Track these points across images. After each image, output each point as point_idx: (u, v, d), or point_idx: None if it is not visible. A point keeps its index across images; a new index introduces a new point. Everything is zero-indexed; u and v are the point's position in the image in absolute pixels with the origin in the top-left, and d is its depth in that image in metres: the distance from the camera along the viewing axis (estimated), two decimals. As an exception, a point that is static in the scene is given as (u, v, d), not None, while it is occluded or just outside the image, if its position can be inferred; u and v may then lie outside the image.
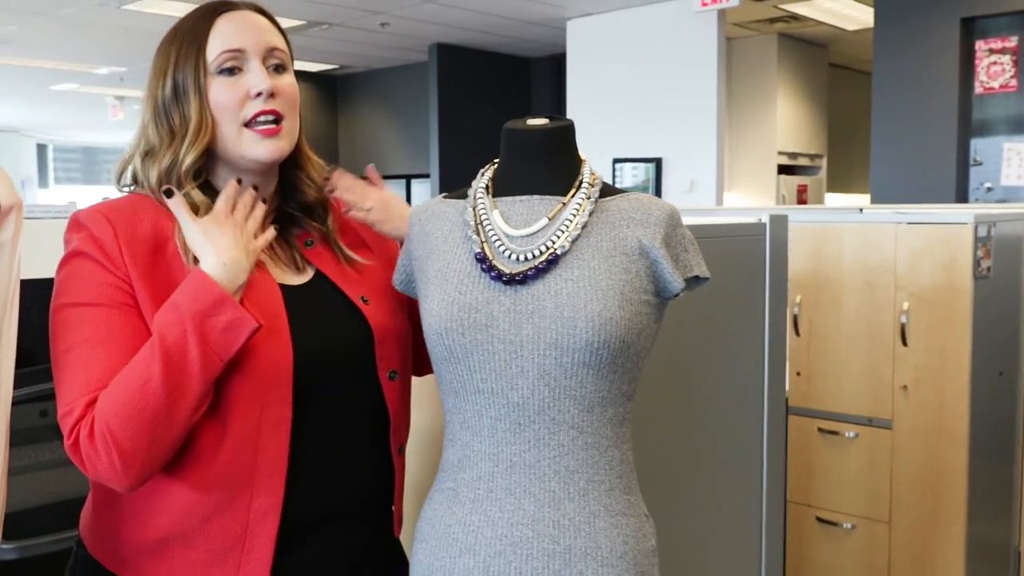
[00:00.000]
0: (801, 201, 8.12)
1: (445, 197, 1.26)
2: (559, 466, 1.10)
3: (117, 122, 11.54)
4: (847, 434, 3.04)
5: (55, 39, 7.99)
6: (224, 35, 1.22)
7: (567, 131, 1.20)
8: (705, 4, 5.87)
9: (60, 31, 7.61)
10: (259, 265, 1.20)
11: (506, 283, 1.11)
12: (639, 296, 1.11)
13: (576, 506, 1.10)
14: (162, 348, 1.06)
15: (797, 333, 3.15)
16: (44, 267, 1.31)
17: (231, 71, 1.21)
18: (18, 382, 1.99)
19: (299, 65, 9.83)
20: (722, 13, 6.30)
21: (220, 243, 1.13)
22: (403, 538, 1.36)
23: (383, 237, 1.39)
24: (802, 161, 8.41)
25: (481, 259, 1.13)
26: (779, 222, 1.88)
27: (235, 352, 1.09)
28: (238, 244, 1.13)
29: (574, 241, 1.12)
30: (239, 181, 1.20)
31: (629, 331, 1.09)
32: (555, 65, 8.59)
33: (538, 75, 9.29)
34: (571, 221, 1.13)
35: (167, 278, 1.15)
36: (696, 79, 6.50)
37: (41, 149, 17.11)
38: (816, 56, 8.50)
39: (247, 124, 1.21)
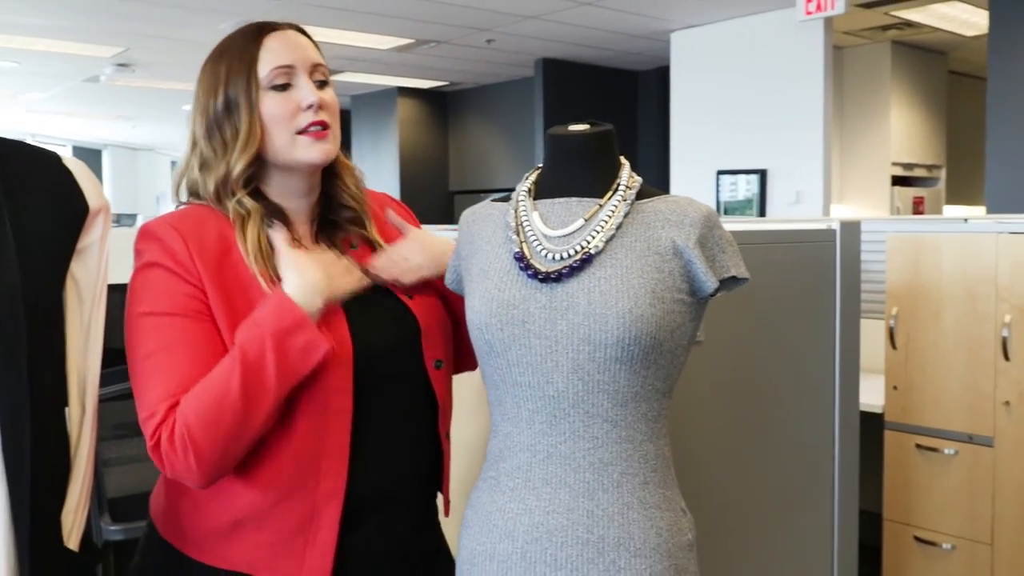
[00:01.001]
0: (917, 213, 7.83)
1: (493, 200, 1.32)
2: (593, 458, 1.14)
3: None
4: (946, 451, 2.94)
5: (181, 62, 8.44)
6: (274, 53, 1.28)
7: (606, 136, 1.24)
8: (810, 13, 5.75)
9: (185, 54, 8.04)
10: None
11: (542, 281, 1.16)
12: (672, 295, 1.15)
13: (610, 497, 1.14)
14: (243, 363, 1.13)
15: (894, 346, 3.07)
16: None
17: (283, 87, 1.28)
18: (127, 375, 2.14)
19: (410, 82, 10.09)
20: (828, 22, 6.16)
21: (306, 267, 1.20)
22: (453, 524, 1.43)
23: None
24: (919, 172, 8.11)
25: (519, 258, 1.18)
26: (850, 229, 1.86)
27: (309, 371, 1.16)
28: (320, 271, 1.20)
29: (608, 241, 1.16)
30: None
31: (661, 328, 1.13)
32: (662, 77, 8.55)
33: (644, 88, 9.27)
34: (606, 222, 1.17)
35: (236, 281, 1.23)
36: (802, 89, 6.36)
37: (174, 166, 18.06)
38: (933, 63, 8.20)
39: (299, 132, 1.28)
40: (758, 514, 1.78)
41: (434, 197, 10.70)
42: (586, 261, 1.15)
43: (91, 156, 16.56)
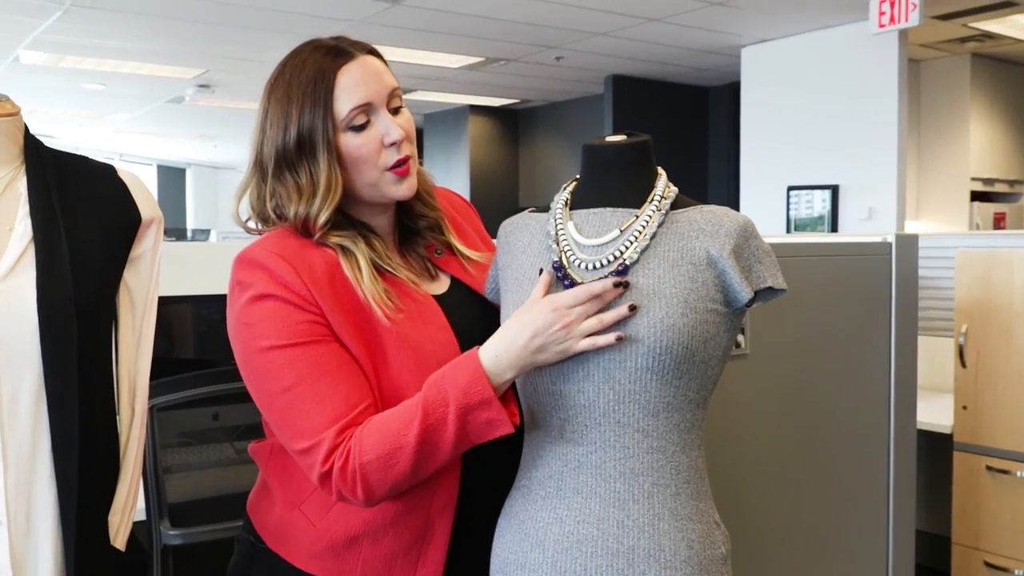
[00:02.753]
0: (999, 229, 7.57)
1: (531, 211, 1.33)
2: (624, 468, 1.14)
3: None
4: (1018, 473, 2.85)
5: (260, 82, 8.63)
6: (350, 91, 1.23)
7: (642, 146, 1.24)
8: (883, 26, 5.62)
9: (263, 74, 8.17)
10: (397, 278, 1.28)
11: None
12: (705, 305, 1.14)
13: (640, 508, 1.14)
14: (423, 424, 1.11)
15: (963, 364, 2.98)
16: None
17: (362, 127, 1.24)
18: (193, 383, 2.21)
19: (482, 100, 10.17)
20: (903, 35, 6.01)
21: (515, 324, 1.14)
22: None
23: (486, 234, 1.48)
24: (1000, 188, 7.85)
25: (558, 267, 1.18)
26: (907, 243, 1.82)
27: (485, 442, 1.14)
28: (528, 342, 1.12)
29: (643, 252, 1.16)
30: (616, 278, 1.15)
31: (693, 338, 1.12)
32: (732, 93, 8.47)
33: (715, 104, 9.19)
34: (640, 232, 1.17)
35: (352, 301, 1.22)
36: (876, 103, 6.22)
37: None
38: (1016, 76, 7.94)
39: (384, 170, 1.26)
40: (805, 532, 1.74)
41: (504, 213, 10.54)
42: (620, 273, 1.15)
43: (175, 175, 17.10)
